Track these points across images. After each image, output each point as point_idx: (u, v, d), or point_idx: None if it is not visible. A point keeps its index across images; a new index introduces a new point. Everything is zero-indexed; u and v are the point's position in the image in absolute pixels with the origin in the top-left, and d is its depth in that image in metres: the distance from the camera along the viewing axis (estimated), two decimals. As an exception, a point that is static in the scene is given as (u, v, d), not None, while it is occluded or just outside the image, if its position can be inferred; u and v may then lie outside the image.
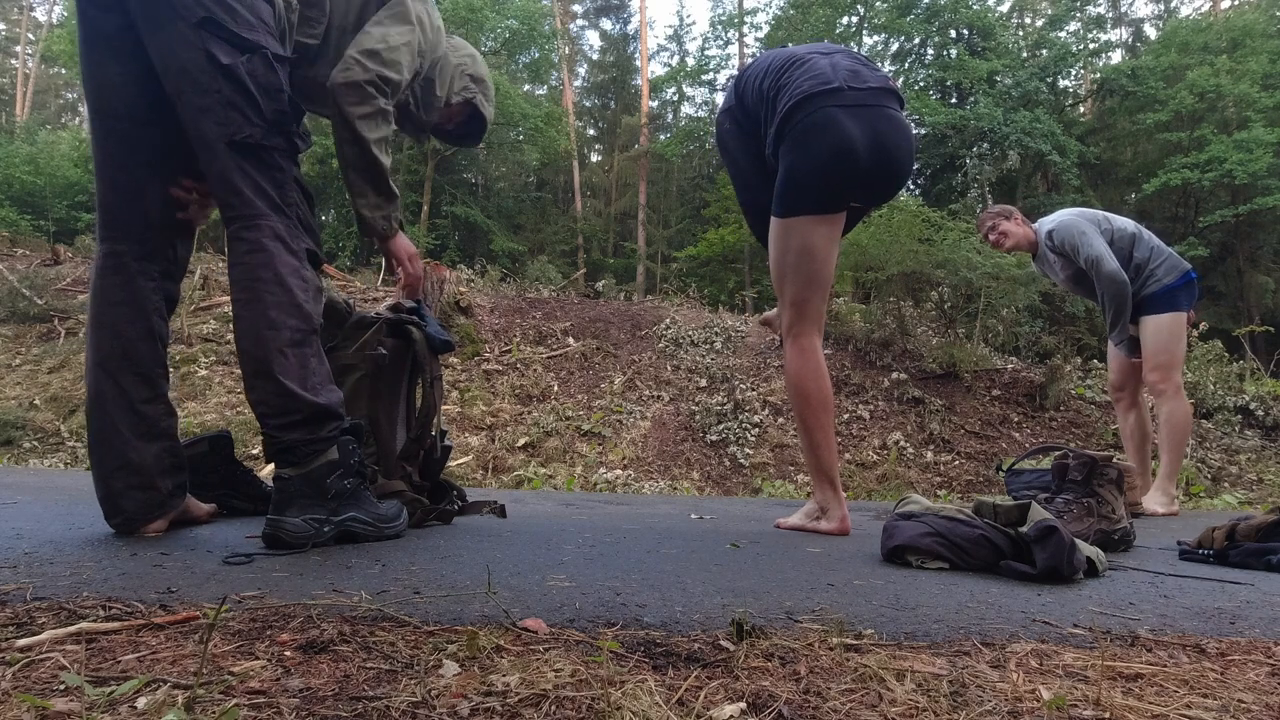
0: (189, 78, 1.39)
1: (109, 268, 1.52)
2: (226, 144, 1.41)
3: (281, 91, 1.46)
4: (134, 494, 1.49)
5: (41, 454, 5.73)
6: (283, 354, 1.43)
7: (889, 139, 1.94)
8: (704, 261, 17.91)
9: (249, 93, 1.41)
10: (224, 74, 1.38)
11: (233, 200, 1.45)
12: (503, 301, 8.57)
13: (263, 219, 1.45)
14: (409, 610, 0.96)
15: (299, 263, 1.48)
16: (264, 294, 1.43)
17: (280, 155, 1.48)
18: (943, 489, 5.70)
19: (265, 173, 1.46)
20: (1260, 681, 0.84)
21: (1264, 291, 15.84)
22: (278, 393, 1.42)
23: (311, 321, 1.48)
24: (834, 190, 1.97)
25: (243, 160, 1.43)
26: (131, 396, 1.50)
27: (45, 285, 8.43)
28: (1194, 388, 6.79)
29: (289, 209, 1.49)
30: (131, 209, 1.52)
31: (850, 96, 1.93)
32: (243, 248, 1.45)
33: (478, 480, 5.41)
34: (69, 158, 17.79)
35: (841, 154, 1.90)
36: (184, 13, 1.37)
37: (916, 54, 20.05)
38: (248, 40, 1.41)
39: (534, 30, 18.90)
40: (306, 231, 1.53)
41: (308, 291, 1.49)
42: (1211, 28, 17.75)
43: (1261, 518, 1.74)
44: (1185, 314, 3.20)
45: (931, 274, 7.80)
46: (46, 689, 0.66)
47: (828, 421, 2.07)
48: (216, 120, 1.40)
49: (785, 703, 0.70)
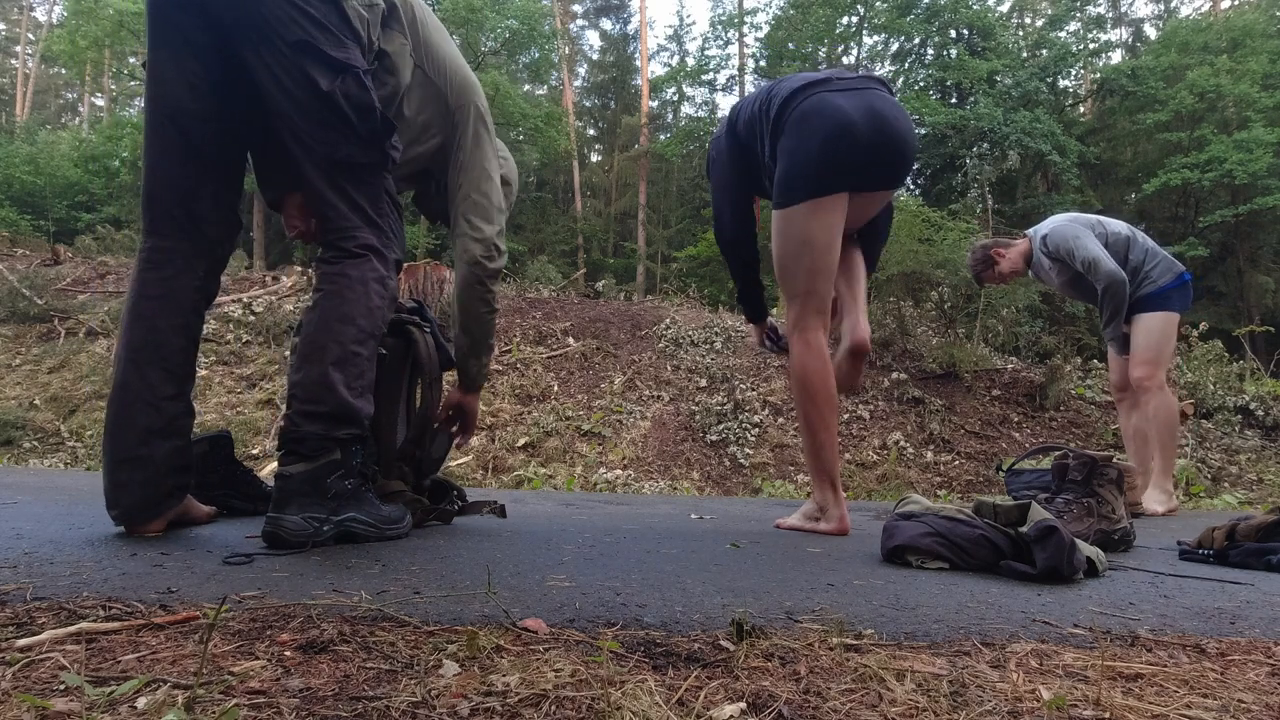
0: (288, 95, 1.42)
1: (153, 262, 1.52)
2: (325, 160, 1.46)
3: (374, 110, 1.48)
4: (135, 489, 1.49)
5: (41, 454, 5.73)
6: (341, 345, 1.46)
7: (886, 113, 1.94)
8: (704, 261, 17.90)
9: (345, 115, 1.44)
10: (323, 98, 1.42)
11: (329, 214, 1.51)
12: (502, 301, 8.58)
13: (359, 231, 1.51)
14: (409, 610, 0.96)
15: (386, 272, 1.55)
16: (345, 290, 1.49)
17: (374, 170, 1.53)
18: (943, 489, 5.70)
19: (360, 188, 1.51)
20: (1260, 681, 0.84)
21: (1264, 291, 15.84)
22: (319, 379, 1.44)
23: (378, 327, 1.53)
24: (832, 168, 1.93)
25: (339, 176, 1.49)
26: (156, 391, 1.50)
27: (45, 285, 8.43)
28: (1194, 388, 6.78)
29: (383, 220, 1.55)
30: (185, 207, 1.52)
31: (839, 84, 1.97)
32: (336, 254, 1.51)
33: (478, 480, 5.41)
34: (69, 158, 17.80)
35: (839, 128, 1.90)
36: (281, 31, 1.39)
37: (916, 54, 20.05)
38: (339, 61, 1.43)
39: (534, 30, 18.88)
40: (398, 241, 1.60)
41: (384, 299, 1.54)
42: (1211, 28, 17.76)
43: (1261, 518, 1.74)
44: (1177, 315, 3.21)
45: (931, 274, 7.80)
46: (46, 689, 0.66)
47: (832, 420, 2.05)
48: (316, 139, 1.45)
49: (785, 703, 0.70)
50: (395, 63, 1.66)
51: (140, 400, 1.49)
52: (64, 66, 22.75)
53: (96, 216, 16.40)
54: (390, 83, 1.67)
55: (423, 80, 1.75)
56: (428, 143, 1.81)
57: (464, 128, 1.82)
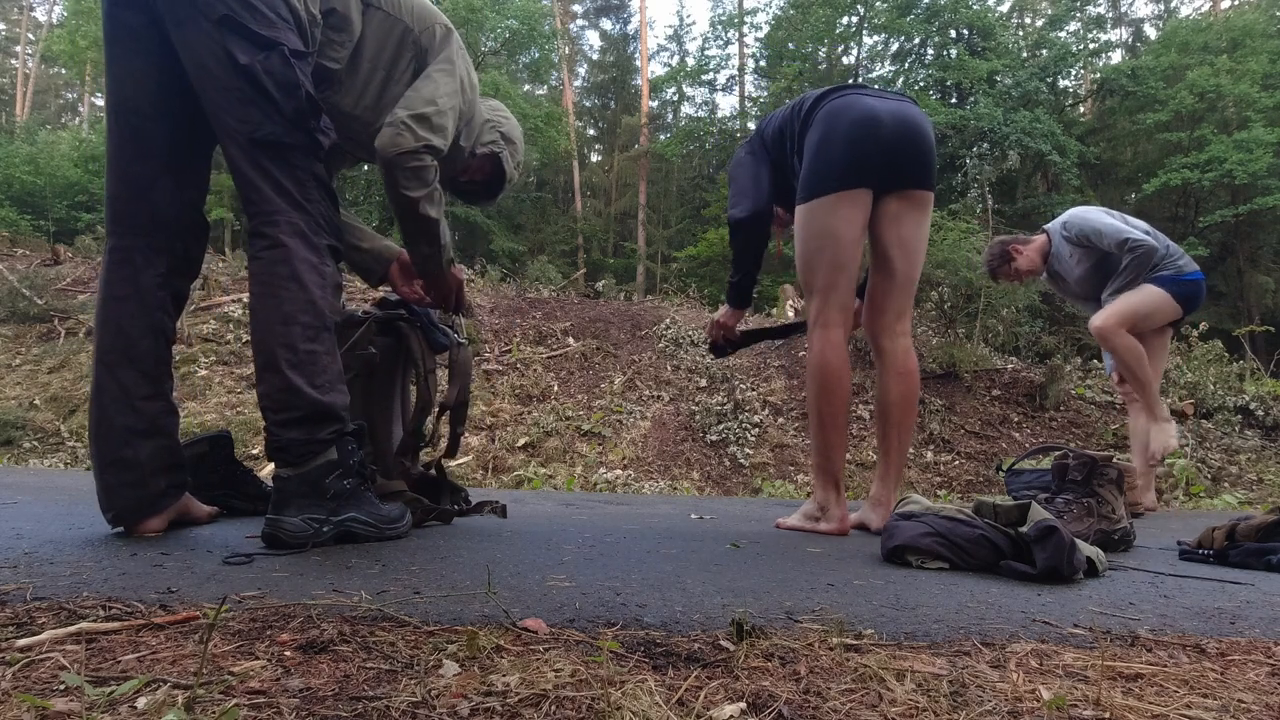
0: (209, 75, 1.40)
1: (115, 262, 1.52)
2: (246, 141, 1.42)
3: (299, 88, 1.44)
4: (125, 490, 1.49)
5: (41, 454, 5.73)
6: (292, 349, 1.43)
7: (911, 117, 2.03)
8: (704, 261, 17.89)
9: (266, 91, 1.40)
10: (242, 73, 1.39)
11: (252, 196, 1.46)
12: (503, 301, 8.57)
13: (281, 215, 1.45)
14: (409, 610, 0.96)
15: (318, 259, 1.48)
16: (279, 289, 1.44)
17: (301, 152, 1.48)
18: (943, 489, 5.70)
19: (285, 170, 1.46)
20: (1260, 681, 0.84)
21: (1264, 291, 15.83)
22: (282, 387, 1.42)
23: (325, 318, 1.48)
24: (857, 159, 1.97)
25: (262, 157, 1.44)
26: (130, 393, 1.50)
27: (45, 285, 8.43)
28: (1194, 388, 6.78)
29: (310, 205, 1.49)
30: (140, 204, 1.52)
31: (871, 91, 2.08)
32: (261, 243, 1.46)
33: (478, 480, 5.41)
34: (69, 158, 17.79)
35: (865, 120, 1.97)
36: (205, 9, 1.38)
37: (916, 54, 20.03)
38: (265, 37, 1.40)
39: (534, 30, 18.88)
40: (328, 227, 1.53)
41: (324, 288, 1.48)
42: (1211, 28, 17.74)
43: (1261, 518, 1.74)
44: (1171, 301, 3.12)
45: (931, 274, 7.78)
46: (46, 689, 0.66)
47: (844, 419, 2.05)
48: (236, 118, 1.42)
49: (785, 703, 0.70)
50: (344, 14, 1.62)
51: (116, 402, 1.49)
52: (64, 66, 22.75)
53: (96, 216, 16.38)
54: (344, 40, 1.62)
55: (381, 19, 1.68)
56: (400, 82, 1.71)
57: (432, 49, 1.73)
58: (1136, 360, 3.13)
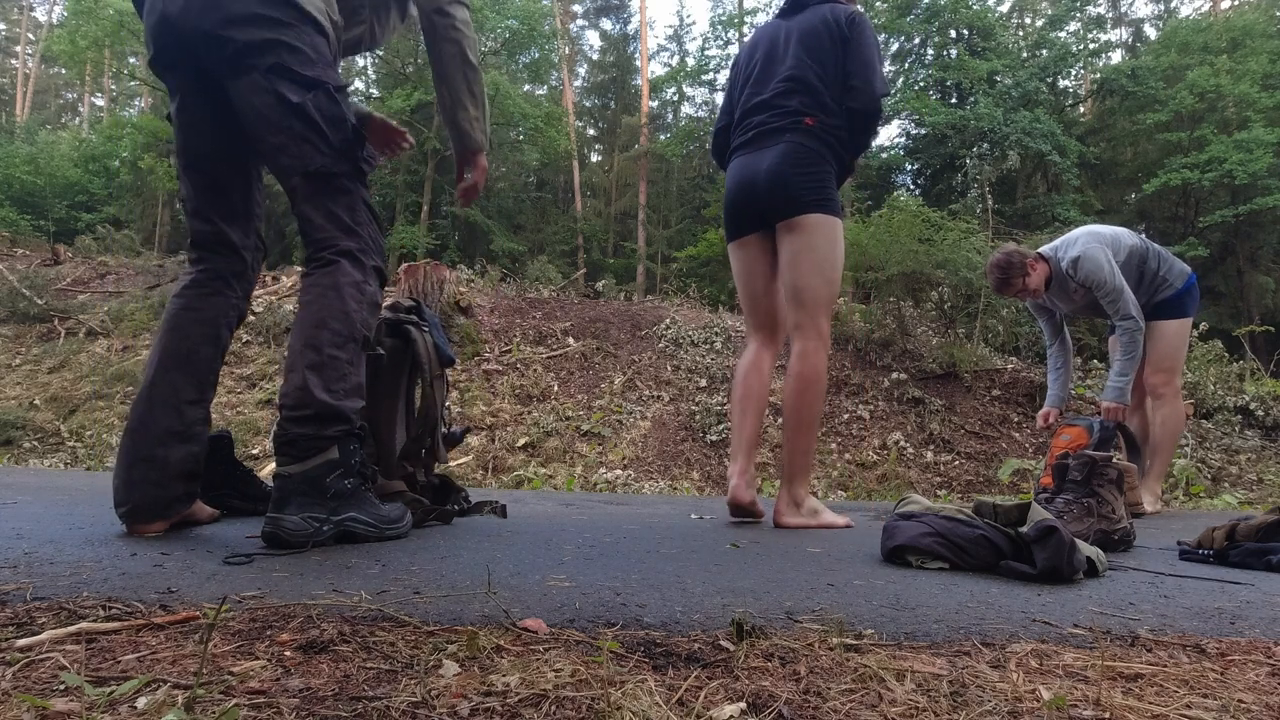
0: (264, 119, 1.50)
1: (199, 282, 1.65)
2: (301, 177, 1.52)
3: (345, 121, 1.55)
4: (147, 488, 1.53)
5: (41, 454, 5.74)
6: (317, 349, 1.49)
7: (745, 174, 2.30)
8: (704, 261, 17.88)
9: (317, 125, 1.51)
10: (294, 112, 1.49)
11: (308, 227, 1.56)
12: (503, 301, 8.57)
13: (337, 241, 1.56)
14: (409, 610, 0.96)
15: (362, 277, 1.58)
16: (320, 297, 1.53)
17: (349, 179, 1.57)
18: (943, 489, 5.70)
19: (337, 198, 1.56)
20: (1260, 681, 0.84)
21: (1264, 291, 15.83)
22: (299, 386, 1.48)
23: (355, 329, 1.55)
24: (726, 218, 2.40)
25: (316, 189, 1.54)
26: (180, 395, 1.57)
27: (45, 285, 8.44)
28: (1194, 388, 6.78)
29: (360, 229, 1.59)
30: (217, 236, 1.67)
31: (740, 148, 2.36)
32: (314, 265, 1.57)
33: (478, 480, 5.41)
34: (69, 158, 17.81)
35: (727, 185, 2.40)
36: (258, 61, 1.47)
37: (916, 54, 20.05)
38: (310, 78, 1.50)
39: (534, 30, 18.90)
40: (376, 249, 1.63)
41: (361, 303, 1.56)
42: (1211, 28, 17.75)
43: (1261, 518, 1.74)
44: (1191, 319, 3.22)
45: (931, 274, 7.79)
46: (46, 689, 0.66)
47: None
48: (291, 155, 1.52)
49: (785, 703, 0.70)
50: None
51: (165, 401, 1.56)
52: (64, 66, 22.74)
53: (96, 216, 16.40)
54: None
55: None
56: None
57: None
58: (1175, 433, 3.23)
